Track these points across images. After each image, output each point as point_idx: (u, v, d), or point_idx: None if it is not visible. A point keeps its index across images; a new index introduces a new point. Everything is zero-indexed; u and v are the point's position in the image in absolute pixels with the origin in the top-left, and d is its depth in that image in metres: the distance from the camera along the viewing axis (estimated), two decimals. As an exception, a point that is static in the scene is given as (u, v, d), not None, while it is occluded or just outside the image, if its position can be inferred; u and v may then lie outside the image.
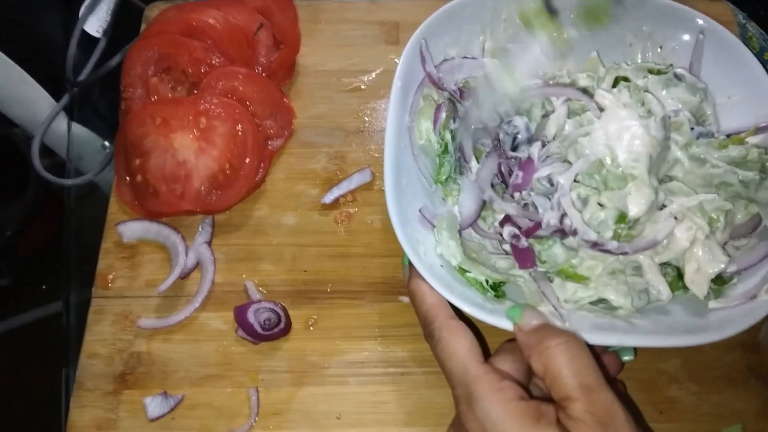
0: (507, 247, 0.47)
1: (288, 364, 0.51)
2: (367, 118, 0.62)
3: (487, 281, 0.46)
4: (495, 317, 0.42)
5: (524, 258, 0.45)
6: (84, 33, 0.69)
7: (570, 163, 0.45)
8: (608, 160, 0.43)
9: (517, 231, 0.45)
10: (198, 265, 0.54)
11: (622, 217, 0.42)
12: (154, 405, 0.49)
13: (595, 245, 0.43)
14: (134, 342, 0.52)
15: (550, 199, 0.44)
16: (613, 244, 0.42)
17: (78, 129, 0.65)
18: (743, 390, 0.51)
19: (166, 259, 0.55)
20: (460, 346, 0.41)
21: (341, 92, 0.63)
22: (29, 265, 0.71)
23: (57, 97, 0.65)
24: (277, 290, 0.54)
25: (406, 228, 0.46)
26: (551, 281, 0.45)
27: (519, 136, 0.49)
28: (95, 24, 0.70)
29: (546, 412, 0.37)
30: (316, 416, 0.49)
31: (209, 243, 0.55)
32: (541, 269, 0.46)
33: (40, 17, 0.73)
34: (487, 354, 0.42)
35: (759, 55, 0.68)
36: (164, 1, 0.67)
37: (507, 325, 0.42)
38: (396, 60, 0.64)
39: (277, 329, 0.51)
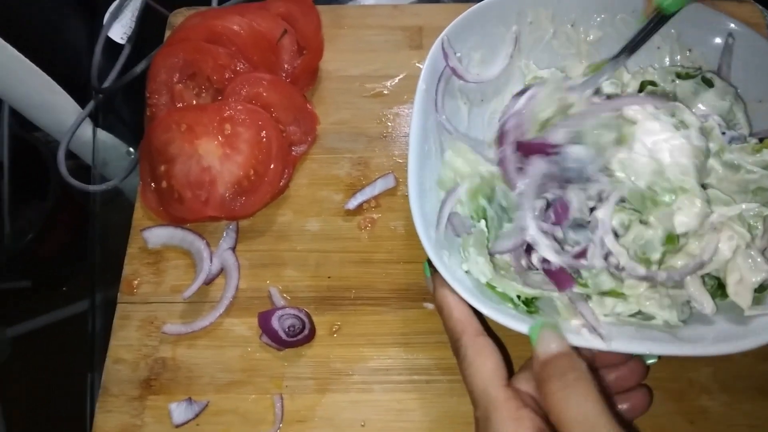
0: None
1: (312, 371, 0.51)
2: (390, 124, 0.62)
3: (518, 296, 0.45)
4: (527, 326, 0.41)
5: (561, 280, 0.43)
6: (108, 40, 0.70)
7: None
8: (655, 177, 0.41)
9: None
10: (222, 270, 0.54)
11: (671, 239, 0.41)
12: (179, 411, 0.49)
13: (645, 278, 0.41)
14: (159, 348, 0.52)
15: (586, 228, 0.42)
16: (662, 275, 0.41)
17: (103, 135, 0.66)
18: (776, 401, 0.50)
19: (191, 265, 0.55)
20: (484, 367, 0.40)
21: (364, 97, 0.63)
22: (50, 269, 0.72)
23: (82, 103, 0.66)
24: (300, 296, 0.54)
25: (430, 233, 0.45)
26: (589, 298, 0.44)
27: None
28: (119, 31, 0.71)
29: None
30: (340, 423, 0.49)
31: (233, 249, 0.55)
32: (579, 291, 0.44)
33: (64, 25, 0.74)
34: (510, 367, 0.42)
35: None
36: (188, 8, 0.67)
37: None
38: (419, 65, 0.64)
39: (302, 336, 0.51)
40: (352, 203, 0.57)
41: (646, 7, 0.47)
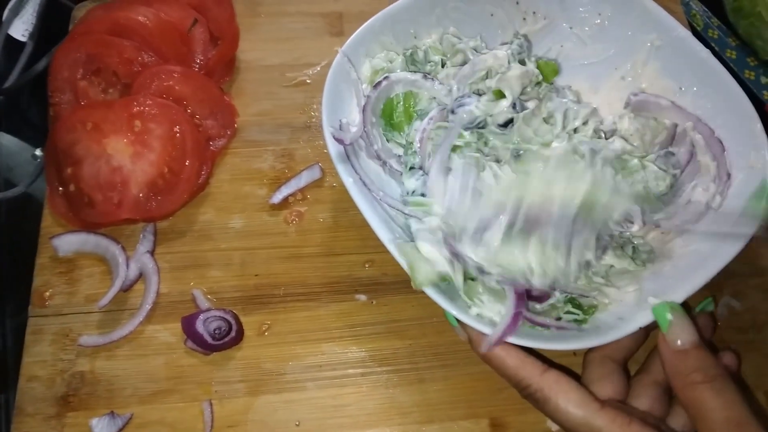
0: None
1: (242, 374, 0.49)
2: (314, 113, 0.60)
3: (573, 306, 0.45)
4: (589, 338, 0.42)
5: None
6: (9, 38, 0.65)
7: None
8: None
9: None
10: (141, 276, 0.51)
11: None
12: (101, 426, 0.46)
13: None
14: (76, 361, 0.49)
15: None
16: None
17: (6, 139, 0.61)
18: None
19: (107, 272, 0.52)
20: (570, 403, 0.39)
21: (286, 87, 0.61)
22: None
23: (-18, 106, 0.62)
24: (227, 297, 0.52)
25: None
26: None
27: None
28: (20, 28, 0.66)
29: None
30: (274, 425, 0.47)
31: (152, 252, 0.52)
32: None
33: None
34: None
35: (703, 32, 0.68)
36: (93, 1, 0.63)
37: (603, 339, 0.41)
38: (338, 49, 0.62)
39: (229, 338, 0.49)
40: (277, 197, 0.55)
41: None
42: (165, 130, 0.52)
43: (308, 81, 0.61)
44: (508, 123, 0.47)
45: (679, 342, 0.39)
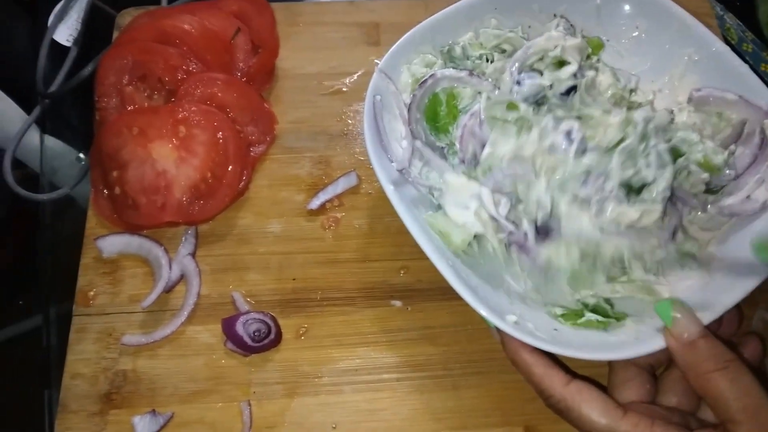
0: None
1: (280, 376, 0.50)
2: (350, 121, 0.61)
3: (595, 309, 0.45)
4: (632, 346, 0.42)
5: None
6: (54, 42, 0.67)
7: None
8: None
9: None
10: (183, 277, 0.53)
11: None
12: (143, 424, 0.47)
13: None
14: (119, 360, 0.50)
15: None
16: None
17: (51, 142, 0.63)
18: None
19: (149, 273, 0.53)
20: (594, 411, 0.40)
21: (323, 95, 0.62)
22: (4, 281, 0.69)
23: (28, 109, 0.63)
24: (265, 300, 0.53)
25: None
26: None
27: None
28: (65, 33, 0.68)
29: None
30: (310, 427, 0.48)
31: (193, 255, 0.53)
32: None
33: (7, 28, 0.71)
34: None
35: (738, 46, 0.68)
36: (136, 8, 0.65)
37: (652, 347, 0.41)
38: (377, 61, 0.63)
39: (268, 340, 0.50)
40: (315, 203, 0.56)
41: None
42: (209, 136, 0.53)
43: (345, 89, 0.62)
44: (569, 91, 0.48)
45: (686, 335, 0.39)
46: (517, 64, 0.49)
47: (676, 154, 0.47)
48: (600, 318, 0.46)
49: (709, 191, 0.48)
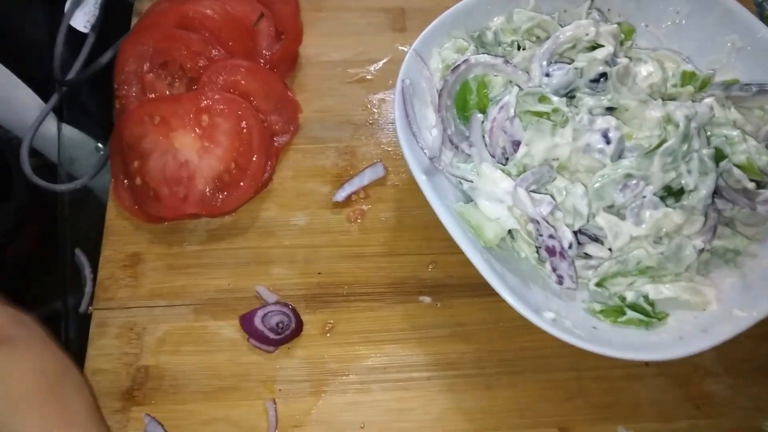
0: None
1: (306, 373, 0.48)
2: (375, 110, 0.59)
3: (637, 308, 0.44)
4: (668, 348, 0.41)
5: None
6: (71, 29, 0.65)
7: None
8: None
9: None
10: (205, 271, 0.51)
11: None
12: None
13: None
14: (141, 355, 0.49)
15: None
16: None
17: (69, 131, 0.61)
18: (780, 381, 0.49)
19: (170, 266, 0.52)
20: None
21: (347, 83, 0.60)
22: (17, 276, 0.68)
23: (45, 97, 0.62)
24: (290, 294, 0.51)
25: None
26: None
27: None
28: (82, 19, 0.66)
29: None
30: (339, 426, 0.47)
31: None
32: None
33: (23, 14, 0.70)
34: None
35: (778, 33, 0.65)
36: (155, -7, 0.63)
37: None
38: (403, 48, 0.61)
39: (289, 331, 0.49)
40: (340, 195, 0.54)
41: None
42: (232, 125, 0.51)
43: (369, 77, 0.61)
44: (600, 78, 0.46)
45: None
46: (547, 56, 0.47)
47: (718, 156, 0.45)
48: (642, 317, 0.44)
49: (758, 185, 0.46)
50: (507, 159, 0.47)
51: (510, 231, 0.46)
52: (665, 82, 0.48)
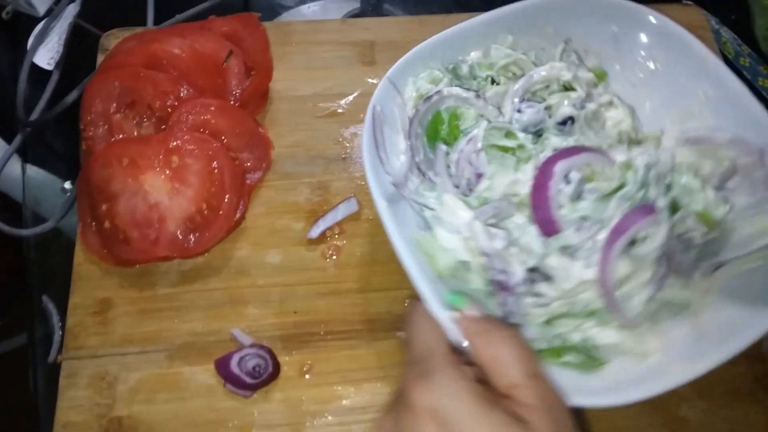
0: None
1: (284, 417, 0.48)
2: (347, 144, 0.59)
3: (580, 350, 0.43)
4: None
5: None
6: (34, 66, 0.64)
7: None
8: None
9: None
10: (179, 315, 0.50)
11: None
12: (141, 474, 0.45)
13: None
14: (114, 406, 0.47)
15: None
16: None
17: (33, 171, 0.60)
18: (752, 403, 0.50)
19: (142, 311, 0.51)
20: (433, 330, 0.39)
21: (318, 118, 0.60)
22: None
23: (8, 138, 0.60)
24: (266, 335, 0.50)
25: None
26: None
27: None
28: (46, 56, 0.65)
29: (501, 400, 0.35)
30: (319, 471, 0.46)
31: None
32: None
33: (-18, 50, 0.68)
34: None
35: (735, 60, 0.68)
36: (121, 29, 0.62)
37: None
38: (372, 81, 0.62)
39: (267, 374, 0.48)
40: (315, 231, 0.54)
41: None
42: (203, 165, 0.50)
43: (341, 111, 0.61)
44: (567, 121, 0.46)
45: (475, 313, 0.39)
46: (519, 93, 0.48)
47: (674, 207, 0.45)
48: (581, 360, 0.43)
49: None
50: (471, 190, 0.47)
51: (464, 262, 0.46)
52: (635, 129, 0.49)
